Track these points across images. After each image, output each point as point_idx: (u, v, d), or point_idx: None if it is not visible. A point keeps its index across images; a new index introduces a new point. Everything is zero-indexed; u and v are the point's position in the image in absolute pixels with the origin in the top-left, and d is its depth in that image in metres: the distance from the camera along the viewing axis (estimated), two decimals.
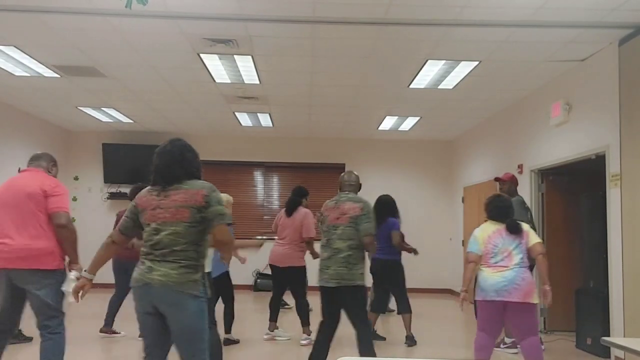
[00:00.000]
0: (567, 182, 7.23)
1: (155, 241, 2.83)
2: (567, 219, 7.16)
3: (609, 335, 5.33)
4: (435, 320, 8.10)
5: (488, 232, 4.27)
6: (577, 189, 6.92)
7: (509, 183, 6.15)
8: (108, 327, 6.16)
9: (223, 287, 5.59)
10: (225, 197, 5.71)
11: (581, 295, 6.23)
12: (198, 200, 2.83)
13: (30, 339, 5.73)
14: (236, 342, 5.99)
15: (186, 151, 2.99)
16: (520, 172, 7.58)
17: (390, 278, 6.15)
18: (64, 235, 3.82)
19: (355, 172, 4.62)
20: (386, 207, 6.19)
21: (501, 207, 4.36)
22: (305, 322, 6.07)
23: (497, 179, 6.38)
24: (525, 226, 4.32)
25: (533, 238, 4.25)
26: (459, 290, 4.41)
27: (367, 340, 4.27)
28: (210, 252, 4.41)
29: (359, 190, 4.61)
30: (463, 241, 9.98)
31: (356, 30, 5.36)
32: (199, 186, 2.89)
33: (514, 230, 4.23)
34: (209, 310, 3.70)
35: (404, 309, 6.17)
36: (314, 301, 5.42)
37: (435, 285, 10.89)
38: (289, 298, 6.89)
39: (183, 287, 2.77)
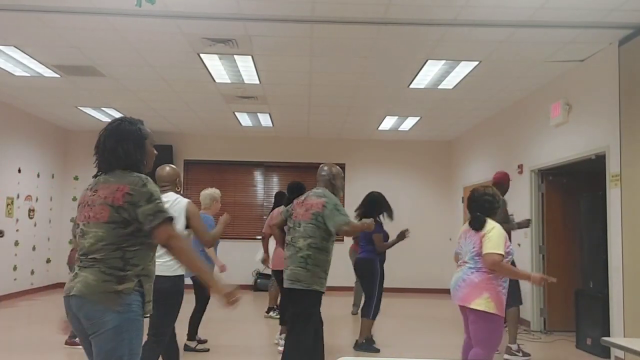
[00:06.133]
0: (567, 182, 7.23)
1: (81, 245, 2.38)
2: (567, 219, 7.16)
3: (609, 335, 5.33)
4: (434, 320, 8.09)
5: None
6: (577, 189, 6.92)
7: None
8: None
9: (198, 287, 5.19)
10: (212, 191, 5.60)
11: (581, 296, 6.22)
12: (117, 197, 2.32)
13: None
14: (204, 341, 5.65)
15: (130, 135, 2.45)
16: (520, 172, 7.58)
17: (365, 277, 5.77)
18: None
19: (329, 165, 4.20)
20: (372, 205, 5.76)
21: None
22: None
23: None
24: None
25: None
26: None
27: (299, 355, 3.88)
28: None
29: (334, 184, 4.16)
30: None
31: (356, 29, 5.35)
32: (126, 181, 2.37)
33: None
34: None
35: (366, 313, 5.67)
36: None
37: (435, 286, 10.87)
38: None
39: (100, 298, 2.23)
